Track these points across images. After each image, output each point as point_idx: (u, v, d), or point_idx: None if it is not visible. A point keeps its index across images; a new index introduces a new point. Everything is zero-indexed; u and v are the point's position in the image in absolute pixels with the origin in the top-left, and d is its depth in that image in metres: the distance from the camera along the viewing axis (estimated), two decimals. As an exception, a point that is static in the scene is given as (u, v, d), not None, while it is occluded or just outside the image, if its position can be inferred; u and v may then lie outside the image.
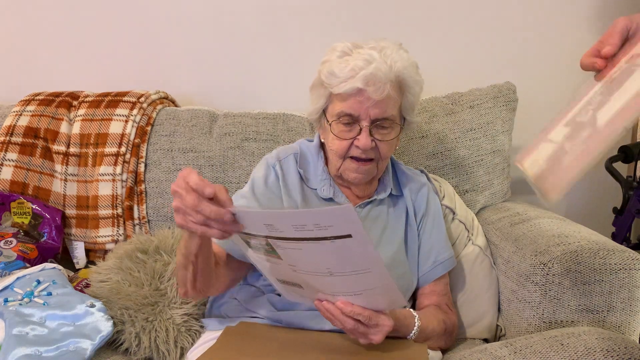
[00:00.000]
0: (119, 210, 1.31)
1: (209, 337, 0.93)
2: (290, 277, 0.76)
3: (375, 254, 0.66)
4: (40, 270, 1.06)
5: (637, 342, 0.88)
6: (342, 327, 0.77)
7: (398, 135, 0.98)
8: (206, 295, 0.94)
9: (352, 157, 0.96)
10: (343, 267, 0.69)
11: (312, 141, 1.08)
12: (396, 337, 0.85)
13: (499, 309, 1.13)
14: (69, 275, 1.16)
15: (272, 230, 0.67)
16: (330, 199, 1.00)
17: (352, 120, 0.94)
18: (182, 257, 0.82)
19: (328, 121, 0.97)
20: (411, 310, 0.91)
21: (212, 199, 0.67)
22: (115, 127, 1.33)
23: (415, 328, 0.88)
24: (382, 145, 0.95)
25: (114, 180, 1.30)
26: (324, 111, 0.99)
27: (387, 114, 0.94)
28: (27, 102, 1.40)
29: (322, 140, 1.03)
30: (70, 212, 1.33)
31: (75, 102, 1.40)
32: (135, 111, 1.35)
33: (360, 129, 0.93)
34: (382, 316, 0.77)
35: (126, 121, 1.34)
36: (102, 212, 1.30)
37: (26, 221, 1.26)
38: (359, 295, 0.74)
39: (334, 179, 1.03)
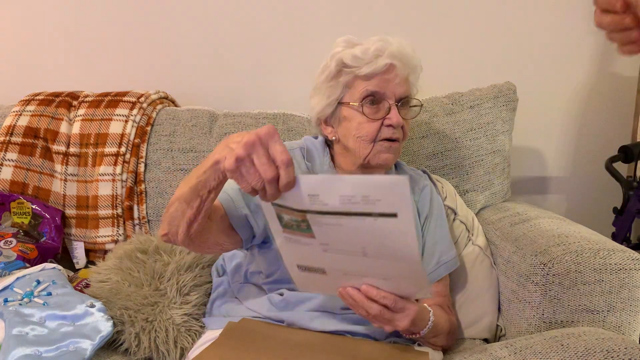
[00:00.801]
0: (119, 211, 1.31)
1: (210, 337, 0.93)
2: (316, 260, 0.73)
3: (414, 240, 0.63)
4: (40, 271, 1.06)
5: (638, 342, 0.88)
6: (366, 314, 0.75)
7: (416, 115, 1.02)
8: (189, 247, 0.88)
9: (382, 140, 0.97)
10: (379, 249, 0.66)
11: (317, 138, 1.08)
12: (410, 333, 0.85)
13: (499, 309, 1.13)
14: (68, 276, 1.16)
15: (315, 203, 0.64)
16: None
17: (376, 99, 0.96)
18: (190, 190, 0.76)
19: (351, 107, 0.97)
20: (425, 304, 0.90)
21: None
22: (115, 127, 1.33)
23: (430, 322, 0.87)
24: (406, 124, 0.99)
25: (113, 180, 1.30)
26: (340, 102, 0.99)
27: (410, 93, 0.99)
28: (27, 102, 1.40)
29: (333, 138, 1.03)
30: (70, 212, 1.33)
31: (75, 102, 1.40)
32: (135, 111, 1.35)
33: (389, 107, 0.95)
34: (407, 301, 0.76)
35: (126, 121, 1.34)
36: (102, 212, 1.30)
37: (26, 221, 1.26)
38: (388, 280, 0.72)
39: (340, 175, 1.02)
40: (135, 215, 1.32)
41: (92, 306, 0.97)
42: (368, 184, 0.61)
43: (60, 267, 1.12)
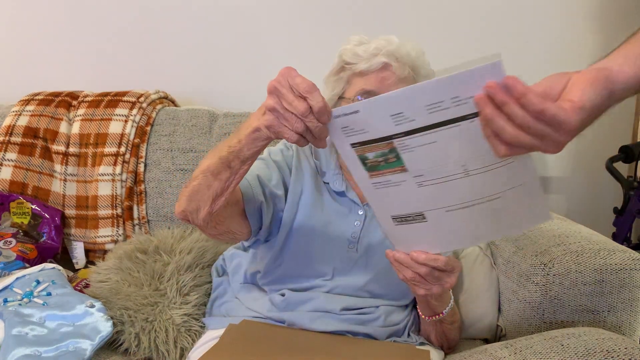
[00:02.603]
0: (119, 211, 1.31)
1: (211, 337, 0.93)
2: (411, 202, 0.67)
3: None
4: (39, 271, 1.06)
5: (638, 342, 0.88)
6: (413, 276, 0.73)
7: None
8: (204, 229, 0.85)
9: None
10: (483, 158, 0.59)
11: None
12: (434, 313, 0.88)
13: (499, 309, 1.13)
14: (68, 276, 1.16)
15: (400, 122, 0.58)
16: (343, 192, 0.99)
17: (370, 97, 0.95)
18: (221, 160, 0.73)
19: (347, 102, 0.96)
20: None
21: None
22: (114, 127, 1.33)
23: (451, 301, 0.88)
24: None
25: (113, 180, 1.30)
26: (340, 97, 0.99)
27: None
28: (27, 101, 1.40)
29: None
30: (70, 212, 1.33)
31: (74, 102, 1.40)
32: (134, 111, 1.35)
33: None
34: (455, 260, 0.75)
35: (126, 121, 1.34)
36: (102, 212, 1.30)
37: (25, 221, 1.26)
38: (497, 212, 0.65)
39: (345, 175, 1.02)
40: (135, 215, 1.32)
41: (92, 306, 0.97)
42: (454, 82, 0.54)
43: (59, 267, 1.12)
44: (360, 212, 0.97)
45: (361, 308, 0.94)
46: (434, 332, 0.95)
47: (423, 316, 0.92)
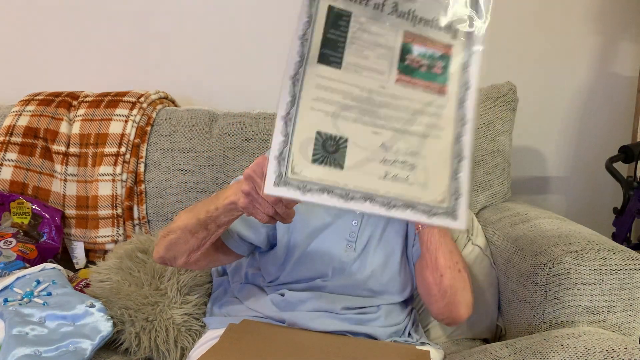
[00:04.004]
0: (119, 211, 1.31)
1: (211, 336, 0.93)
2: None
3: None
4: (40, 271, 1.06)
5: (638, 342, 0.88)
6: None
7: None
8: (181, 267, 0.93)
9: None
10: None
11: None
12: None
13: (499, 309, 1.13)
14: (68, 276, 1.16)
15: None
16: None
17: None
18: (198, 222, 0.78)
19: None
20: None
21: None
22: (115, 127, 1.33)
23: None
24: None
25: (113, 180, 1.30)
26: None
27: None
28: (27, 102, 1.40)
29: None
30: (70, 212, 1.33)
31: (75, 102, 1.40)
32: (135, 111, 1.35)
33: None
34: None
35: (126, 121, 1.34)
36: (102, 212, 1.30)
37: (26, 221, 1.26)
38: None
39: None
40: (135, 215, 1.32)
41: (92, 306, 0.97)
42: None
43: (60, 267, 1.12)
44: (358, 211, 0.97)
45: (362, 307, 0.94)
46: (430, 268, 0.89)
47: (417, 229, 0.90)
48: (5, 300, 0.96)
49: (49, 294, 0.99)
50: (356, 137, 0.55)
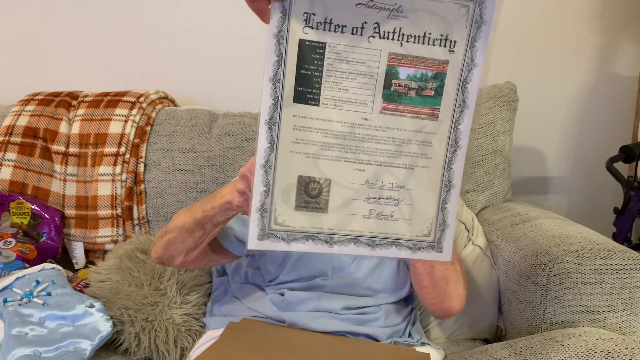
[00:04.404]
0: (119, 211, 1.30)
1: (211, 336, 0.93)
2: None
3: None
4: (39, 271, 1.06)
5: (638, 343, 0.88)
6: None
7: None
8: (179, 267, 0.95)
9: None
10: None
11: None
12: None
13: (499, 310, 1.13)
14: (68, 276, 1.16)
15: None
16: None
17: None
18: (195, 222, 0.79)
19: None
20: None
21: None
22: (114, 127, 1.33)
23: None
24: None
25: (113, 180, 1.30)
26: None
27: None
28: (26, 101, 1.39)
29: None
30: (70, 212, 1.33)
31: (74, 102, 1.40)
32: (134, 111, 1.35)
33: None
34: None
35: (125, 121, 1.34)
36: (102, 212, 1.30)
37: (25, 221, 1.26)
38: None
39: None
40: (135, 215, 1.32)
41: (92, 306, 0.97)
42: None
43: (59, 267, 1.12)
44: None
45: (362, 307, 0.94)
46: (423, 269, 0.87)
47: None
48: (5, 301, 0.96)
49: (49, 294, 0.99)
50: (339, 176, 0.52)
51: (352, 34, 0.48)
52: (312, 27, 0.47)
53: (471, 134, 1.30)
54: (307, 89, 0.50)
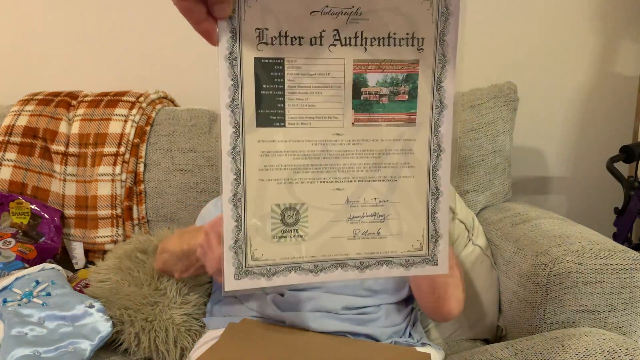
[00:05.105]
0: (118, 211, 1.30)
1: (211, 337, 0.93)
2: None
3: None
4: (39, 271, 1.06)
5: (639, 343, 0.88)
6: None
7: None
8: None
9: None
10: None
11: None
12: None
13: (499, 310, 1.13)
14: (68, 276, 1.16)
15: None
16: None
17: None
18: (182, 252, 0.88)
19: None
20: None
21: None
22: (114, 127, 1.33)
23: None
24: None
25: (113, 180, 1.30)
26: None
27: None
28: (26, 101, 1.39)
29: None
30: (69, 212, 1.32)
31: (74, 102, 1.40)
32: (134, 111, 1.35)
33: None
34: None
35: (125, 121, 1.33)
36: (101, 212, 1.30)
37: (25, 221, 1.26)
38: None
39: None
40: (135, 215, 1.32)
41: (91, 306, 0.96)
42: None
43: (59, 267, 1.12)
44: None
45: (362, 307, 0.93)
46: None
47: None
48: (5, 301, 0.96)
49: (48, 294, 0.99)
50: (317, 199, 0.48)
51: (311, 44, 0.45)
52: (266, 43, 0.44)
53: (472, 134, 1.30)
54: (269, 111, 0.46)
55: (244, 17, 0.43)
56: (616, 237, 1.39)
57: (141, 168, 1.33)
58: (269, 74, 0.45)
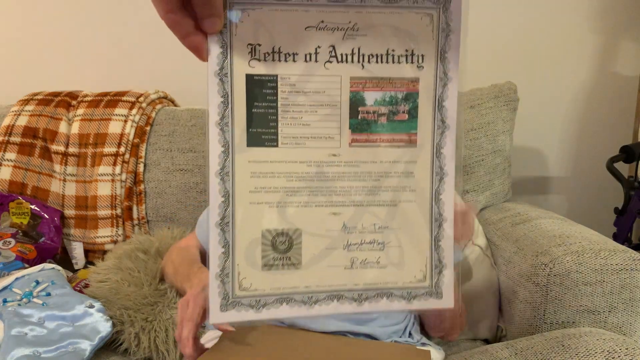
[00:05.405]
0: (118, 211, 1.30)
1: (211, 337, 0.93)
2: None
3: None
4: (39, 271, 1.06)
5: (639, 343, 0.88)
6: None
7: None
8: None
9: None
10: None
11: None
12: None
13: (499, 310, 1.13)
14: (67, 276, 1.16)
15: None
16: None
17: None
18: (177, 283, 0.96)
19: None
20: None
21: None
22: (114, 127, 1.33)
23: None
24: None
25: (113, 180, 1.30)
26: None
27: None
28: (26, 101, 1.39)
29: None
30: (69, 212, 1.32)
31: (74, 102, 1.40)
32: (134, 111, 1.35)
33: None
34: None
35: (125, 121, 1.33)
36: (101, 212, 1.30)
37: (25, 221, 1.26)
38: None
39: None
40: (135, 215, 1.32)
41: (91, 307, 0.96)
42: None
43: (59, 267, 1.12)
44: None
45: (362, 308, 0.94)
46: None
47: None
48: (5, 301, 0.96)
49: (48, 294, 0.99)
50: (311, 225, 0.45)
51: (306, 61, 0.43)
52: (259, 60, 0.42)
53: (472, 134, 1.30)
54: (261, 130, 0.43)
55: (236, 32, 0.41)
56: (616, 237, 1.39)
57: (141, 168, 1.33)
58: (261, 91, 0.43)
